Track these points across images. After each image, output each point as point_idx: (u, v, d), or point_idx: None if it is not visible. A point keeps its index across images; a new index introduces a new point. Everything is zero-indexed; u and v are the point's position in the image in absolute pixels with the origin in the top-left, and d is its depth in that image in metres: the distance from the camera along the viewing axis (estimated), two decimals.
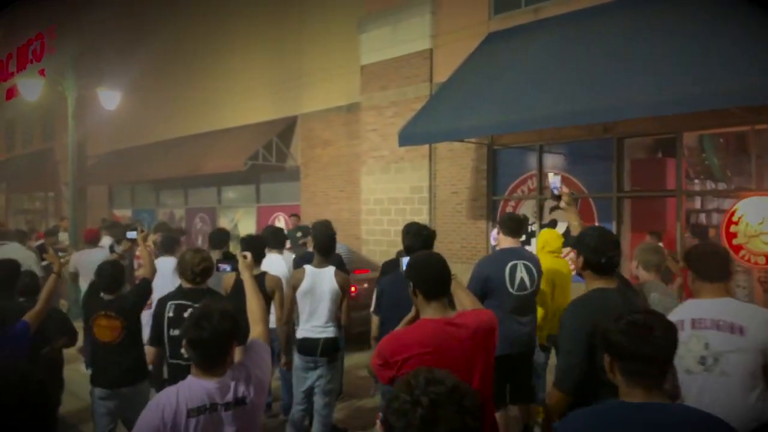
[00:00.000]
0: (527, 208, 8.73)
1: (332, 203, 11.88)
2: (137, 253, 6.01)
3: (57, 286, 3.93)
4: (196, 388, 2.08)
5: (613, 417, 1.66)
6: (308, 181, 12.42)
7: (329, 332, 4.40)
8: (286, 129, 12.64)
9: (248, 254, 3.08)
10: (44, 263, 6.61)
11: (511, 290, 4.11)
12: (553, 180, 3.59)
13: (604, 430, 1.64)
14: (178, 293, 3.65)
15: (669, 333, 1.68)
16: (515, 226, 4.44)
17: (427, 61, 9.88)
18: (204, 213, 14.96)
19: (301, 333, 4.42)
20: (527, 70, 7.73)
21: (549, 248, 4.93)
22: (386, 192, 10.44)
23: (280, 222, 12.62)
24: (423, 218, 9.85)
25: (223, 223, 14.01)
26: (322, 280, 4.36)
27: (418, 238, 3.74)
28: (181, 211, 15.74)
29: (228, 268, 3.35)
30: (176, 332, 3.43)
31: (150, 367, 3.90)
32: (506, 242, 4.41)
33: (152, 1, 16.28)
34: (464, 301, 2.63)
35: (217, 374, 2.11)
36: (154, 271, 4.23)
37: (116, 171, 17.26)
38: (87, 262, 6.88)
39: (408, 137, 8.07)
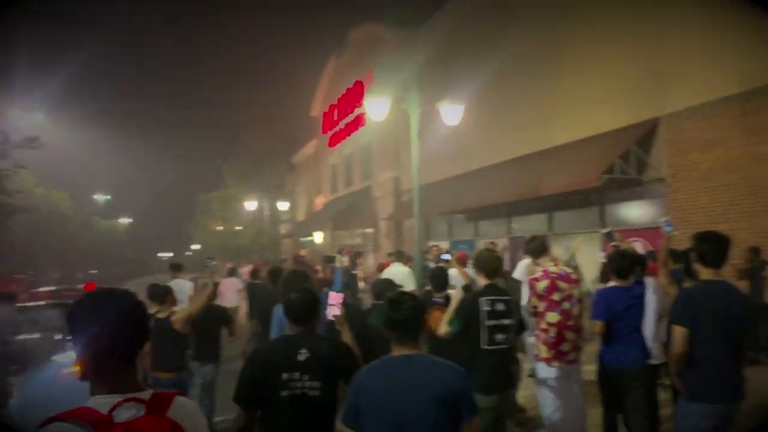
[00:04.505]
0: None
1: (718, 222, 9.18)
2: None
3: None
4: None
5: None
6: (679, 196, 9.96)
7: None
8: (643, 137, 10.48)
9: None
10: None
11: None
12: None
13: None
14: None
15: None
16: None
17: None
18: None
19: None
20: None
21: None
22: None
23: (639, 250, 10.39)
24: None
25: (557, 252, 12.25)
26: None
27: None
28: (503, 240, 14.56)
29: None
30: None
31: None
32: None
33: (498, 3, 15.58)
34: None
35: None
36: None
37: (432, 203, 17.03)
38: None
39: None
